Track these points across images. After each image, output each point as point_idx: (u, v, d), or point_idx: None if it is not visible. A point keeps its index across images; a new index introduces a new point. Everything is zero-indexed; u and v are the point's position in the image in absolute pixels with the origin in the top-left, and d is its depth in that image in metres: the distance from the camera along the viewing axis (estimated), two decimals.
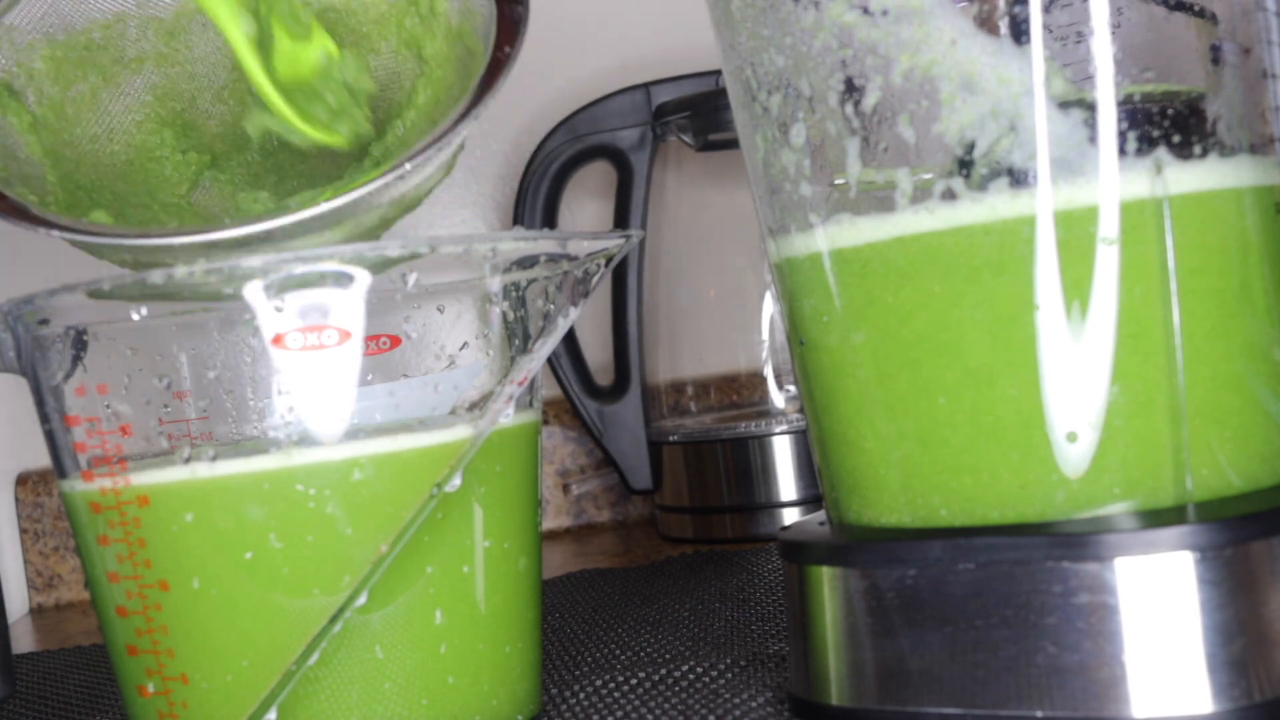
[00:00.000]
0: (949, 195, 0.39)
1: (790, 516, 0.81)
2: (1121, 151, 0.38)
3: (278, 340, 0.41)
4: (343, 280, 0.41)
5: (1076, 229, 0.38)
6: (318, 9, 0.55)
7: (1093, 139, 0.38)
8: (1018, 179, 0.38)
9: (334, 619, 0.42)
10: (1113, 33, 0.38)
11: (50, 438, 0.45)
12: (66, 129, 0.53)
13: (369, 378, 0.46)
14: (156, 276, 0.40)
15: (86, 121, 0.53)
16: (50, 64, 0.53)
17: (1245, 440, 0.39)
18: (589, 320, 0.97)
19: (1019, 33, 0.38)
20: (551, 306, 0.46)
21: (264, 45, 0.50)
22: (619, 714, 0.46)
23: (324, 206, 0.45)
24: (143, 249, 0.47)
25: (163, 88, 0.55)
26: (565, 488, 0.98)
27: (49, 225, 0.47)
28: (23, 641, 0.82)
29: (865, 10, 0.39)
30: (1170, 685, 0.36)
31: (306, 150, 0.54)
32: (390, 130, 0.53)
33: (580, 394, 0.88)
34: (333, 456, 0.42)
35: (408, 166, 0.47)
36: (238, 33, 0.49)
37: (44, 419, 0.45)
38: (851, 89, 0.40)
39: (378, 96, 0.54)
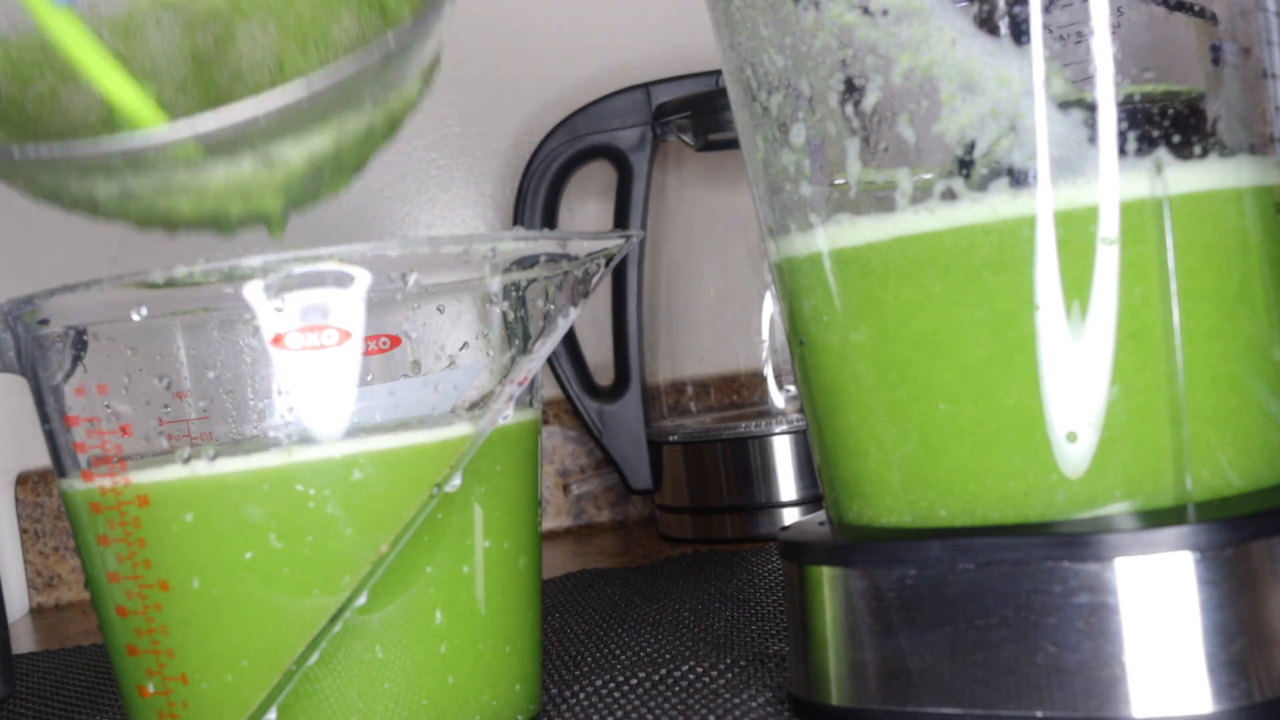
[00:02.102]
0: (949, 195, 0.39)
1: (790, 516, 0.81)
2: (1121, 151, 0.38)
3: (278, 340, 0.41)
4: (343, 280, 0.41)
5: (1076, 229, 0.38)
6: None
7: (1093, 139, 0.38)
8: (1018, 179, 0.38)
9: (334, 619, 0.42)
10: (1113, 33, 0.38)
11: (50, 438, 0.45)
12: (29, 126, 0.52)
13: (369, 378, 0.46)
14: (156, 276, 0.40)
15: (49, 119, 0.53)
16: (6, 64, 0.52)
17: (1245, 440, 0.39)
18: (589, 320, 0.97)
19: (1019, 33, 0.38)
20: (551, 306, 0.46)
21: None
22: (619, 714, 0.46)
23: (303, 87, 0.43)
24: (110, 156, 0.45)
25: None
26: (565, 488, 0.98)
27: None
28: (23, 641, 0.82)
29: (865, 10, 0.39)
30: (1170, 685, 0.36)
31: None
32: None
33: (580, 394, 0.88)
34: (333, 456, 0.42)
35: (391, 43, 0.45)
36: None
37: (44, 419, 0.45)
38: (851, 89, 0.40)
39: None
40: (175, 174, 0.45)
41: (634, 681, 0.49)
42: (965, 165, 0.39)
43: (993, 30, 0.38)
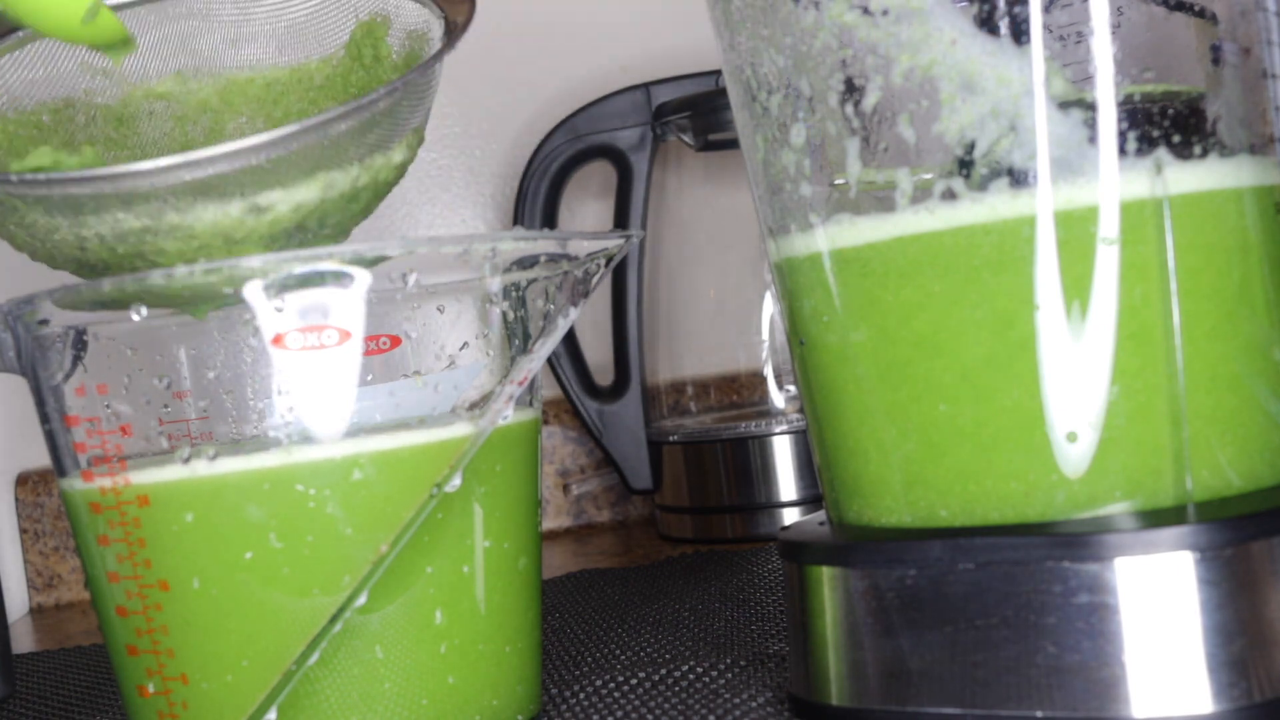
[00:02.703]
0: (949, 195, 0.39)
1: (790, 516, 0.81)
2: (1121, 151, 0.38)
3: (278, 340, 0.41)
4: (343, 280, 0.41)
5: (1076, 229, 0.38)
6: (262, 84, 0.55)
7: (1093, 139, 0.38)
8: (1018, 179, 0.38)
9: (334, 619, 0.42)
10: (1113, 33, 0.38)
11: (50, 438, 0.45)
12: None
13: (369, 378, 0.46)
14: (157, 277, 0.40)
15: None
16: (3, 137, 0.53)
17: (1245, 440, 0.39)
18: (589, 320, 0.97)
19: (1019, 33, 0.38)
20: (551, 306, 0.46)
21: None
22: (619, 714, 0.46)
23: (274, 133, 0.45)
24: (103, 183, 0.45)
25: None
26: (565, 488, 0.98)
27: None
28: (23, 641, 0.82)
29: (865, 10, 0.39)
30: (1170, 685, 0.36)
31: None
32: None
33: (580, 394, 0.88)
34: (333, 456, 0.42)
35: (379, 98, 0.46)
36: None
37: (44, 419, 0.45)
38: (851, 89, 0.40)
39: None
40: (165, 213, 0.46)
41: (634, 681, 0.49)
42: (965, 165, 0.39)
43: (993, 30, 0.38)
